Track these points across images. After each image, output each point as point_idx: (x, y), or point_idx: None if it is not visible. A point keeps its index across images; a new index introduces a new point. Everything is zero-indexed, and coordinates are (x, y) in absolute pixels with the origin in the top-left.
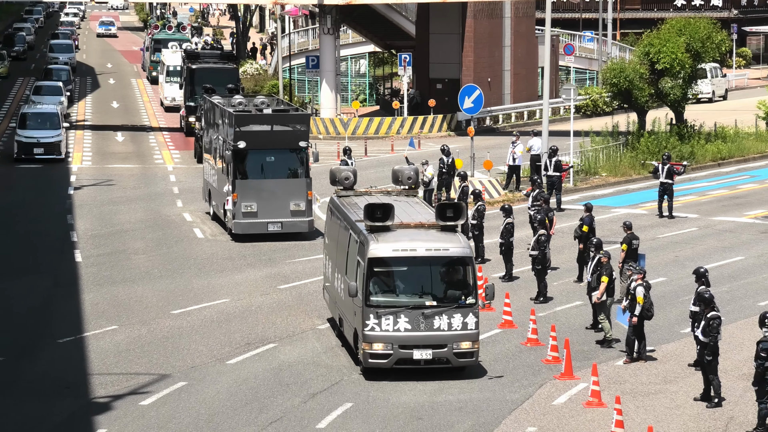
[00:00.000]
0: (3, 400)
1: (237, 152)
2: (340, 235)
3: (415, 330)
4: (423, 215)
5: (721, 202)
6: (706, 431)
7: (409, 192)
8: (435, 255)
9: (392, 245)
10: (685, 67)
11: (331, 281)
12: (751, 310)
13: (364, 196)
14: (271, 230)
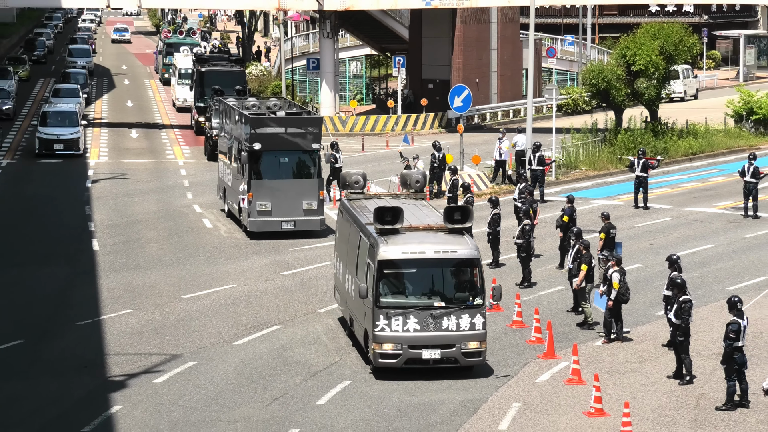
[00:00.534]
0: (26, 379)
1: (252, 153)
2: (350, 238)
3: (424, 330)
4: (431, 218)
5: (693, 194)
6: (679, 407)
7: (417, 195)
8: (443, 257)
9: (401, 247)
10: (659, 69)
11: (342, 282)
12: (720, 294)
13: (373, 200)
14: (284, 228)
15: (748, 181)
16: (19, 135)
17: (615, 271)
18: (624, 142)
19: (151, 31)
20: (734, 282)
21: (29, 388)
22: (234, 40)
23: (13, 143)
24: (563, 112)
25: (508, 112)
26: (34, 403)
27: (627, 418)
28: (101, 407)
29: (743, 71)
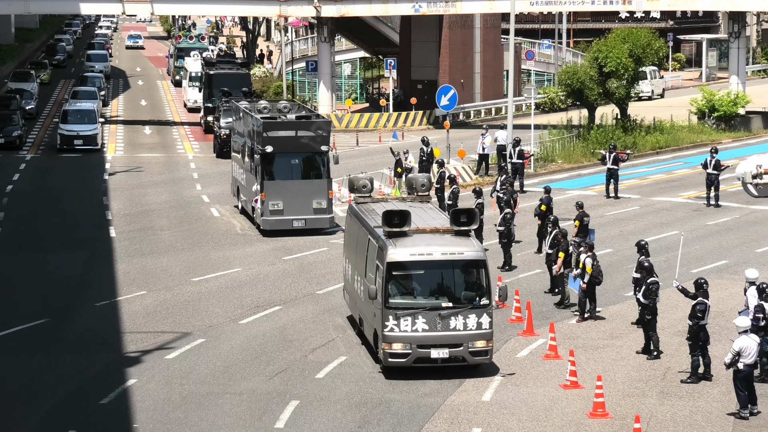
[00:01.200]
0: (49, 354)
1: (265, 156)
2: (359, 240)
3: (432, 330)
4: (437, 221)
5: (659, 185)
6: (647, 380)
7: (423, 198)
8: (450, 258)
9: (409, 250)
10: (629, 70)
11: (351, 283)
12: (685, 277)
13: (381, 203)
14: (295, 226)
15: (710, 173)
16: (42, 131)
17: (588, 256)
18: (596, 137)
19: (163, 36)
20: (698, 265)
21: (52, 363)
22: (239, 44)
23: (36, 139)
24: (541, 110)
25: (491, 110)
26: (57, 376)
27: (599, 390)
28: (118, 381)
29: (706, 72)
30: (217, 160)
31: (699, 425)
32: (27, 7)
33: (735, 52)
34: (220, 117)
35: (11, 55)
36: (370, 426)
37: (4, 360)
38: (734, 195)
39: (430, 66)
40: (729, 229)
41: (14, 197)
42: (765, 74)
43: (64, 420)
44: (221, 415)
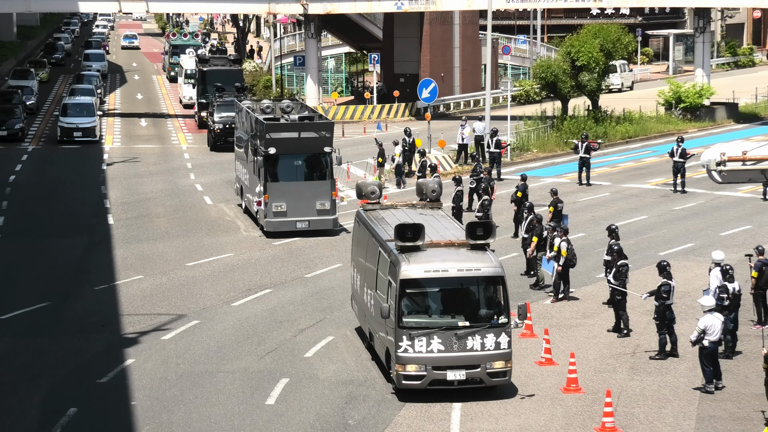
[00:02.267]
0: (51, 335)
1: (268, 157)
2: (368, 250)
3: (448, 351)
4: (450, 231)
5: (629, 173)
6: (618, 356)
7: (433, 204)
8: (467, 275)
9: (424, 266)
10: (599, 64)
11: (360, 294)
12: (653, 259)
13: (390, 210)
14: (299, 228)
15: (677, 161)
16: (43, 125)
17: (562, 240)
18: (569, 127)
19: (158, 33)
20: (665, 248)
21: (54, 344)
22: (231, 41)
23: (37, 132)
24: (517, 102)
25: (469, 102)
26: (59, 356)
27: (573, 367)
28: (117, 360)
29: (672, 65)
30: (210, 153)
31: (667, 399)
32: (28, 5)
33: (700, 47)
34: (213, 112)
35: (13, 51)
36: (356, 402)
37: (8, 341)
38: (699, 182)
39: (412, 60)
40: (695, 213)
41: (17, 187)
42: (729, 67)
43: (65, 397)
44: (215, 392)
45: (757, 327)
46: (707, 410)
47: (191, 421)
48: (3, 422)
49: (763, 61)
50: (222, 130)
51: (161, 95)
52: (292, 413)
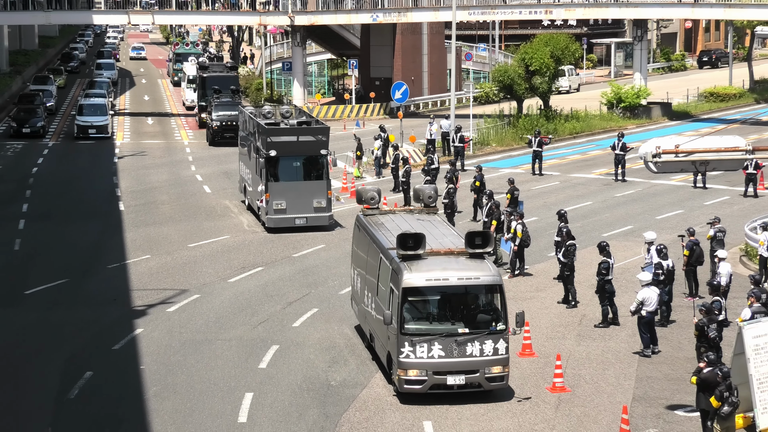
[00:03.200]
0: (69, 308)
1: (269, 159)
2: (369, 256)
3: (448, 356)
4: (449, 238)
5: (576, 164)
6: (566, 325)
7: (430, 210)
8: (467, 283)
9: (425, 274)
10: (550, 69)
11: (360, 297)
12: (597, 240)
13: (388, 215)
14: (297, 224)
15: (618, 153)
16: (61, 123)
17: (518, 223)
18: (524, 124)
19: (162, 41)
20: (607, 230)
21: (72, 316)
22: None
23: (56, 129)
24: (478, 102)
25: (437, 102)
26: (76, 326)
27: (527, 334)
28: (127, 330)
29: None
30: (209, 147)
31: (609, 362)
32: (48, 18)
33: (638, 53)
34: (212, 111)
35: (35, 58)
36: (337, 366)
37: (32, 314)
38: (637, 172)
39: (386, 66)
40: (633, 200)
41: (39, 178)
42: (663, 71)
43: (82, 362)
44: (214, 357)
45: (688, 299)
46: (645, 372)
47: (193, 383)
48: (28, 384)
49: (693, 65)
50: (219, 127)
51: (165, 97)
52: (282, 375)
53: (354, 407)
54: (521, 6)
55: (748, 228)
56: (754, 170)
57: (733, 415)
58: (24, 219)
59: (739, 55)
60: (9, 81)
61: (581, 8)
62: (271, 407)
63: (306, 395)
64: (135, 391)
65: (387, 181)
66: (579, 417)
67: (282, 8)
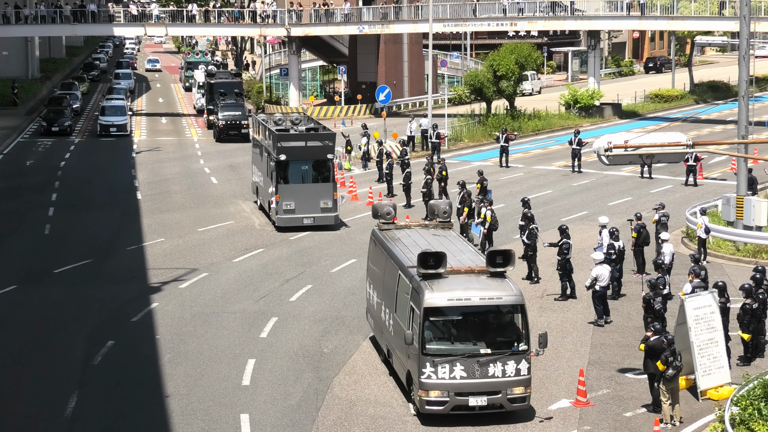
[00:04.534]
0: (94, 285)
1: (279, 163)
2: (386, 271)
3: (470, 377)
4: (467, 255)
5: (538, 157)
6: (530, 299)
7: (444, 225)
8: (489, 303)
9: (447, 294)
10: (515, 74)
11: (377, 311)
12: (557, 224)
13: (404, 230)
14: (305, 223)
15: (574, 148)
16: (86, 123)
17: (487, 210)
18: (492, 123)
19: (174, 50)
20: (566, 215)
21: (96, 292)
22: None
23: (82, 128)
24: (452, 103)
25: (416, 104)
26: (100, 302)
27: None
28: (145, 304)
29: (571, 75)
30: (216, 143)
31: (568, 331)
32: (74, 30)
33: (592, 60)
34: (218, 112)
35: (63, 66)
36: (329, 335)
37: (60, 290)
38: (592, 164)
39: (371, 71)
40: (588, 188)
41: (66, 170)
42: (614, 76)
43: (105, 333)
44: (221, 328)
45: (636, 275)
46: (599, 339)
47: (202, 350)
48: (57, 353)
49: (640, 71)
50: (225, 125)
51: (177, 100)
52: (280, 344)
53: (344, 371)
54: (489, 19)
55: (688, 213)
56: (693, 162)
57: (677, 378)
58: (53, 207)
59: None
60: (40, 86)
61: (542, 21)
62: (271, 372)
63: (302, 361)
64: (151, 358)
65: (373, 173)
66: (541, 379)
67: (280, 21)
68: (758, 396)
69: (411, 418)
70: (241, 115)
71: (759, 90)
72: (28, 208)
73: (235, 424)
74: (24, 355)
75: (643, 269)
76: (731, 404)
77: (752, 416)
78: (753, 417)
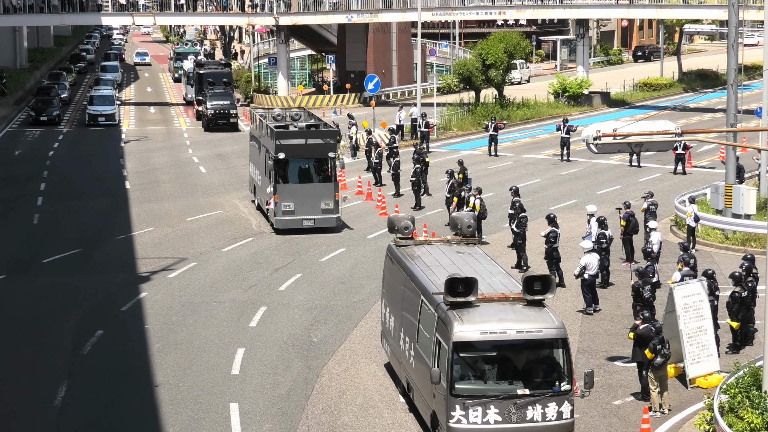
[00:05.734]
0: (83, 275)
1: (278, 161)
2: (406, 294)
3: (506, 422)
4: (497, 277)
5: (527, 146)
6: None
7: (469, 240)
8: (527, 337)
9: (479, 327)
10: (504, 62)
11: (394, 338)
12: (545, 212)
13: (424, 247)
14: (305, 226)
15: (563, 136)
16: (74, 112)
17: (477, 198)
18: (481, 111)
19: (162, 40)
20: (554, 204)
21: (85, 281)
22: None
23: (70, 117)
24: (441, 92)
25: (405, 93)
26: (89, 291)
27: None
28: (134, 293)
29: (559, 63)
30: (204, 133)
31: None
32: (62, 19)
33: (581, 49)
34: (207, 101)
35: (51, 55)
36: (319, 324)
37: (49, 279)
38: (580, 153)
39: (360, 60)
40: (577, 177)
41: (55, 160)
42: (603, 65)
43: (94, 322)
44: (210, 317)
45: (625, 264)
46: (587, 327)
47: (191, 340)
48: (46, 342)
49: (629, 59)
50: (213, 115)
51: (166, 89)
52: (270, 333)
53: (333, 360)
54: (478, 8)
55: (677, 201)
56: (682, 150)
57: (665, 366)
58: (42, 196)
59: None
60: (28, 75)
61: (531, 9)
62: (260, 361)
63: (291, 350)
64: (140, 347)
65: (362, 162)
66: None
67: (268, 10)
68: (747, 384)
69: (400, 405)
70: (229, 105)
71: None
72: (16, 197)
73: (225, 413)
74: (13, 344)
75: (632, 258)
76: (720, 392)
77: (741, 404)
78: (742, 405)
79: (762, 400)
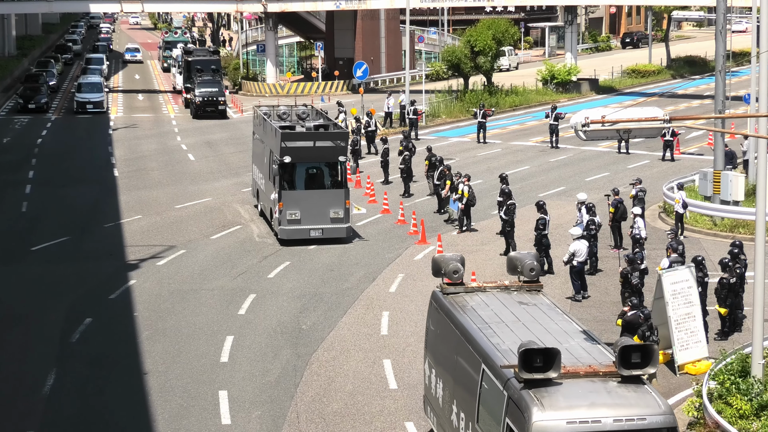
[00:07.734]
0: (71, 263)
1: (283, 165)
2: (459, 358)
3: None
4: (576, 339)
5: (515, 133)
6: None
7: (531, 287)
8: (627, 428)
9: (564, 414)
10: (492, 49)
11: (444, 410)
12: (534, 200)
13: (478, 295)
14: (313, 236)
15: (552, 123)
16: (62, 100)
17: (465, 185)
18: (470, 98)
19: (150, 27)
20: (543, 191)
21: (74, 269)
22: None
23: (58, 105)
24: (429, 79)
25: (393, 80)
26: (78, 279)
27: (474, 283)
28: (122, 281)
29: (548, 50)
30: (193, 120)
31: None
32: (50, 7)
33: (569, 36)
34: (195, 88)
35: (39, 43)
36: (307, 312)
37: (38, 267)
38: (569, 140)
39: (348, 47)
40: (565, 164)
41: (43, 147)
42: (591, 51)
43: (83, 310)
44: (199, 305)
45: (614, 250)
46: (576, 314)
47: (180, 327)
48: (35, 330)
49: (617, 46)
50: (202, 102)
51: (154, 76)
52: (258, 321)
53: (322, 348)
54: None
55: (665, 188)
56: (670, 137)
57: None
58: (30, 184)
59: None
60: (16, 63)
61: None
62: (249, 348)
63: (280, 338)
64: (129, 335)
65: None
66: None
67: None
68: (736, 370)
69: (389, 392)
70: (218, 92)
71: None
72: (4, 185)
73: (214, 401)
74: (1, 332)
75: (620, 244)
76: (709, 378)
77: (730, 391)
78: (731, 391)
79: (751, 386)
